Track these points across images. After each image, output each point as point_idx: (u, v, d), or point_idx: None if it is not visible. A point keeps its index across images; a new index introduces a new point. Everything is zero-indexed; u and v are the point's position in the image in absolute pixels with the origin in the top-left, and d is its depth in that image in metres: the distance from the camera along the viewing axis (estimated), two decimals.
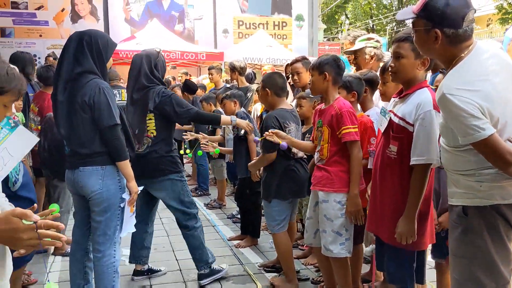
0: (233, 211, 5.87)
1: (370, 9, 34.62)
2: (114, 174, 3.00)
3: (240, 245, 4.74)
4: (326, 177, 3.10)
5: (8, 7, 13.24)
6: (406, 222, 2.38)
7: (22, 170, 2.37)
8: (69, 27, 13.65)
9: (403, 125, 2.42)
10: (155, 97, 3.55)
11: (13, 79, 2.09)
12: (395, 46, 2.48)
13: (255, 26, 15.19)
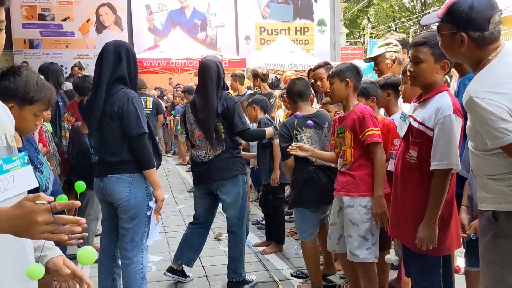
0: (258, 217, 5.88)
1: (392, 12, 34.34)
2: (142, 182, 3.05)
3: (266, 252, 4.74)
4: (350, 181, 3.09)
5: (36, 19, 13.60)
6: (426, 228, 2.36)
7: (52, 179, 2.43)
8: (94, 38, 13.95)
9: (422, 130, 2.40)
10: (223, 101, 3.62)
11: (42, 89, 2.16)
12: (413, 50, 2.45)
13: (277, 32, 15.23)
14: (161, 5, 14.68)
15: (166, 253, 4.78)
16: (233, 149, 3.73)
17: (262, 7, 15.35)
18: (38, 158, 2.35)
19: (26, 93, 2.09)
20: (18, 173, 1.46)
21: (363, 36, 35.64)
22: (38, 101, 2.15)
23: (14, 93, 2.08)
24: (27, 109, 2.11)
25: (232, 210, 3.77)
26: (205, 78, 3.66)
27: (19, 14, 13.34)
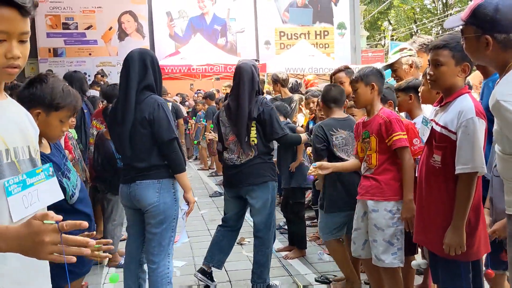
0: (280, 222, 5.87)
1: (413, 14, 33.97)
2: (170, 187, 3.10)
3: (288, 257, 4.73)
4: (375, 186, 3.08)
5: (60, 28, 13.88)
6: (454, 233, 2.32)
7: (79, 185, 2.47)
8: (116, 45, 14.16)
9: (445, 134, 2.37)
10: (259, 105, 3.64)
11: (68, 96, 2.22)
12: (433, 53, 2.43)
13: (296, 36, 15.23)
14: (181, 12, 14.83)
15: (190, 258, 4.81)
16: (265, 155, 3.73)
17: (282, 12, 15.37)
18: (65, 165, 2.39)
19: (52, 100, 2.14)
20: (43, 186, 1.48)
21: (384, 38, 35.34)
22: (64, 107, 2.20)
23: (40, 99, 2.13)
24: (54, 115, 2.16)
25: (260, 215, 3.77)
26: (239, 81, 3.69)
27: (43, 23, 13.64)
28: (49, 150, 2.28)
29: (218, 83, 12.23)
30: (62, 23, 13.89)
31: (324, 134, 3.67)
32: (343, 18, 15.65)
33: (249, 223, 6.07)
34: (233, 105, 3.70)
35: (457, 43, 2.36)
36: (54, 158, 2.27)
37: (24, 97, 2.14)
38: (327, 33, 15.62)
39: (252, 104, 3.63)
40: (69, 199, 2.29)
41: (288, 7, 15.39)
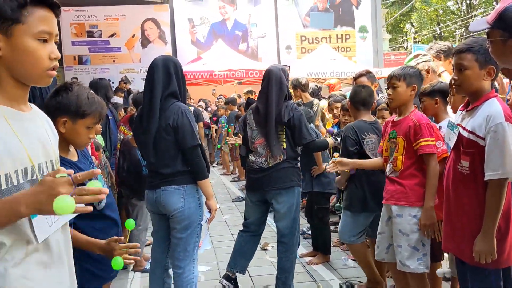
0: (304, 227, 5.84)
1: (436, 16, 33.53)
2: (194, 193, 3.13)
3: (312, 262, 4.71)
4: (400, 191, 3.04)
5: (85, 36, 14.14)
6: (484, 240, 2.27)
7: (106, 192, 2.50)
8: (139, 52, 14.36)
9: (473, 139, 2.32)
10: (289, 110, 3.65)
11: (93, 103, 2.25)
12: (456, 58, 2.39)
13: (318, 41, 15.19)
14: (203, 18, 14.96)
15: (214, 263, 4.82)
16: (293, 160, 3.72)
17: (303, 16, 15.36)
18: None
19: (78, 108, 2.17)
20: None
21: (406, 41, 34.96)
22: (89, 114, 2.23)
23: (67, 107, 2.16)
24: (80, 123, 2.19)
25: (284, 221, 3.74)
26: (267, 84, 3.69)
27: (69, 32, 13.91)
28: (76, 158, 2.31)
29: (240, 87, 12.27)
30: (86, 31, 14.15)
31: (357, 137, 3.67)
32: (364, 21, 15.55)
33: (273, 228, 6.06)
34: (262, 108, 3.69)
35: (480, 46, 2.33)
36: (81, 165, 2.30)
37: (50, 106, 2.18)
38: (348, 37, 15.53)
39: (281, 107, 3.63)
40: (97, 205, 2.32)
41: (309, 11, 15.37)
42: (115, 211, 2.55)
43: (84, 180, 1.28)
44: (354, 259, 4.66)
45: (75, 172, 2.15)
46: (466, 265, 2.45)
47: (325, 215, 4.84)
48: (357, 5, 15.53)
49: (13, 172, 1.30)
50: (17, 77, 1.36)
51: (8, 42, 1.31)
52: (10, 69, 1.34)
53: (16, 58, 1.33)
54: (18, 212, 1.22)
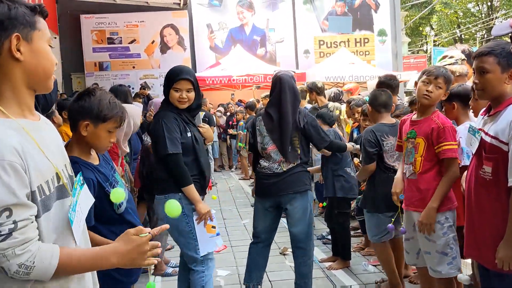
0: (323, 232, 5.81)
1: (456, 18, 33.11)
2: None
3: (332, 267, 4.68)
4: (418, 197, 3.03)
5: (105, 43, 14.33)
6: (507, 247, 2.23)
7: (126, 196, 2.53)
8: (158, 58, 14.49)
9: (496, 145, 2.27)
10: (303, 116, 3.68)
11: (115, 107, 2.30)
12: (478, 61, 2.35)
13: (336, 45, 15.13)
14: (221, 24, 15.04)
15: (234, 267, 4.83)
16: (305, 164, 3.75)
17: (321, 21, 15.32)
18: (113, 176, 2.45)
19: (100, 111, 2.22)
20: (81, 197, 1.55)
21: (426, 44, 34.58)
22: (111, 118, 2.28)
23: (89, 111, 2.21)
24: (101, 127, 2.23)
25: (300, 225, 3.71)
26: (280, 91, 3.69)
27: (90, 39, 14.12)
28: (97, 162, 2.34)
29: (258, 92, 12.30)
30: (107, 38, 14.34)
31: (376, 139, 3.72)
32: (383, 25, 15.44)
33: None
34: (275, 116, 3.69)
35: (503, 49, 2.30)
36: (102, 169, 2.33)
37: (74, 110, 2.24)
38: (367, 41, 15.44)
39: (296, 114, 3.65)
40: (117, 209, 2.34)
41: (327, 15, 15.32)
42: (136, 216, 2.57)
43: (155, 235, 1.51)
44: (375, 265, 4.63)
45: (95, 174, 2.21)
46: (490, 271, 2.41)
47: (345, 220, 4.81)
48: (376, 9, 15.43)
49: (44, 183, 1.35)
50: (32, 84, 1.41)
51: (28, 47, 1.37)
52: (28, 74, 1.38)
53: (36, 62, 1.39)
54: (110, 264, 1.42)
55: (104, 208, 2.25)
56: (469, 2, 31.92)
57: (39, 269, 1.28)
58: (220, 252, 5.34)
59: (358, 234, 5.58)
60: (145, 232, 1.46)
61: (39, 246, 1.29)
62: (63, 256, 1.32)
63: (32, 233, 1.28)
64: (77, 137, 2.25)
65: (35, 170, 1.30)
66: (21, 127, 1.34)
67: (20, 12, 1.35)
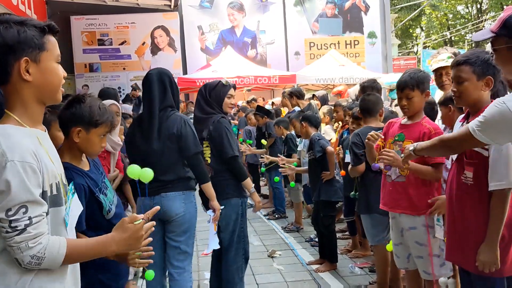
0: (311, 234, 5.85)
1: (446, 20, 33.36)
2: (192, 198, 3.32)
3: (319, 270, 4.72)
4: (406, 199, 3.05)
5: (95, 45, 14.29)
6: (487, 250, 2.29)
7: (115, 201, 2.55)
8: (149, 59, 14.47)
9: (477, 150, 2.34)
10: (210, 125, 3.60)
11: (105, 113, 2.36)
12: (454, 70, 2.44)
13: (326, 47, 15.19)
14: (212, 26, 15.05)
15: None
16: (224, 172, 3.62)
17: (311, 23, 15.39)
18: (103, 182, 2.47)
19: (91, 117, 2.26)
20: (73, 204, 1.66)
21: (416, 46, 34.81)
22: (102, 123, 2.34)
23: (81, 118, 2.25)
24: (93, 132, 2.28)
25: (223, 233, 3.66)
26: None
27: (80, 40, 14.08)
28: (88, 167, 2.38)
29: (249, 94, 12.33)
30: (97, 39, 14.29)
31: (361, 142, 3.76)
32: (373, 27, 15.54)
33: (280, 236, 6.09)
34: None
35: (477, 58, 2.38)
36: (92, 175, 2.37)
37: (65, 117, 2.28)
38: (357, 42, 15.53)
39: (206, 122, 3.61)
40: (106, 214, 2.37)
41: (318, 17, 15.39)
42: None
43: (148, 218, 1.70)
44: (362, 267, 4.68)
45: (86, 180, 2.26)
46: (471, 274, 2.46)
47: (331, 223, 4.86)
48: (366, 11, 15.53)
49: (54, 184, 1.52)
50: (42, 98, 1.54)
51: (37, 68, 1.49)
52: (37, 92, 1.51)
53: (44, 80, 1.51)
54: (110, 251, 1.59)
55: (93, 214, 2.28)
56: (459, 4, 32.18)
57: (49, 259, 1.43)
58: (208, 255, 5.36)
59: (346, 236, 5.63)
60: (138, 219, 1.60)
61: (49, 239, 1.44)
62: (70, 246, 1.47)
63: (43, 228, 1.43)
64: (69, 144, 2.29)
65: (46, 173, 1.47)
66: (35, 135, 1.50)
67: (29, 36, 1.46)
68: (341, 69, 12.43)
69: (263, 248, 5.51)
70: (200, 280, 4.65)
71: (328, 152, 4.76)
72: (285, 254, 5.32)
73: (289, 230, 6.30)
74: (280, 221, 6.83)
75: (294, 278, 4.58)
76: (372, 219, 3.82)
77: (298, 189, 6.35)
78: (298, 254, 5.31)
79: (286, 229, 6.35)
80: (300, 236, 6.05)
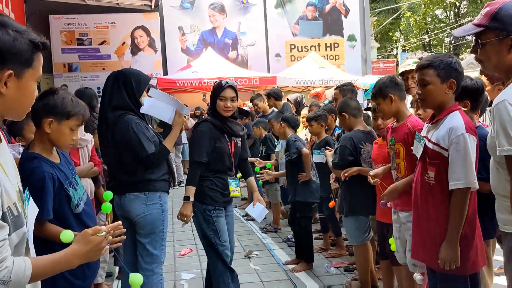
0: (289, 234, 5.90)
1: (425, 24, 33.86)
2: (156, 199, 3.24)
3: (295, 270, 4.76)
4: (404, 197, 3.08)
5: (75, 44, 14.14)
6: (448, 248, 2.36)
7: (85, 199, 2.55)
8: (129, 59, 14.39)
9: (438, 151, 2.42)
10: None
11: (77, 105, 2.40)
12: (419, 74, 2.50)
13: (307, 49, 15.31)
14: (193, 26, 15.03)
15: (198, 270, 4.85)
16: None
17: (292, 25, 15.49)
18: (73, 177, 2.49)
19: (63, 108, 2.30)
20: (29, 210, 1.59)
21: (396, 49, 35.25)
22: (74, 115, 2.37)
23: (53, 108, 2.29)
24: (64, 124, 2.31)
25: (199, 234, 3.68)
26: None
27: (58, 39, 13.92)
28: (58, 160, 2.39)
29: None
30: (76, 39, 14.14)
31: (355, 147, 3.80)
32: (353, 30, 15.71)
33: (258, 236, 6.12)
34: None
35: (441, 62, 2.46)
36: (63, 168, 2.38)
37: (37, 108, 2.29)
38: (337, 45, 15.68)
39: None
40: (74, 208, 2.38)
41: (298, 20, 15.51)
42: (93, 220, 2.59)
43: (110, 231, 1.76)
44: (337, 267, 4.74)
45: (56, 171, 2.26)
46: (436, 272, 2.52)
47: (308, 223, 4.91)
48: (346, 14, 15.70)
49: (12, 205, 1.41)
50: (5, 114, 1.43)
51: (16, 83, 1.38)
52: (4, 106, 1.39)
53: (17, 97, 1.40)
54: (73, 265, 1.57)
55: (61, 205, 2.30)
56: (437, 8, 32.68)
57: (15, 282, 1.38)
58: (185, 256, 5.37)
59: (321, 237, 5.68)
60: (102, 231, 1.61)
61: (13, 261, 1.38)
62: (34, 266, 1.43)
63: (7, 252, 1.36)
64: (40, 135, 2.32)
65: (5, 193, 1.37)
66: None
67: (23, 48, 1.37)
68: (321, 71, 12.54)
69: (241, 248, 5.53)
70: (176, 280, 4.65)
71: (304, 154, 4.81)
72: (262, 255, 5.35)
73: (267, 231, 6.34)
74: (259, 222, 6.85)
75: (270, 278, 4.62)
76: (357, 221, 3.88)
77: (276, 189, 6.39)
78: (275, 254, 5.35)
79: (264, 229, 6.39)
80: (277, 237, 6.10)
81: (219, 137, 3.56)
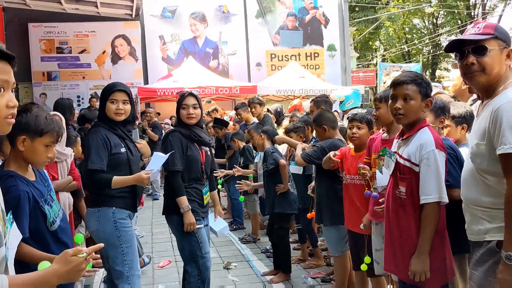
0: (267, 245, 5.93)
1: (404, 34, 34.40)
2: (109, 216, 3.18)
3: (273, 281, 4.79)
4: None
5: (54, 53, 14.03)
6: (418, 260, 2.42)
7: (61, 215, 2.56)
8: (109, 68, 14.32)
9: (409, 166, 2.50)
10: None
11: (51, 123, 2.40)
12: (401, 88, 2.51)
13: (287, 58, 15.44)
14: (174, 36, 15.05)
15: (176, 282, 4.85)
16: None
17: (273, 35, 15.62)
18: (49, 194, 2.49)
19: (36, 126, 2.30)
20: (11, 234, 1.62)
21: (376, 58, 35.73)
22: (47, 132, 2.38)
23: (26, 126, 2.29)
24: (38, 141, 2.31)
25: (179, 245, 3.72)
26: None
27: (38, 48, 13.79)
28: (34, 178, 2.39)
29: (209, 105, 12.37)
30: (56, 48, 14.04)
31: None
32: (333, 40, 15.91)
33: (237, 247, 6.14)
34: None
35: (422, 80, 2.53)
36: (38, 185, 2.38)
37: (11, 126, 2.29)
38: (317, 55, 15.85)
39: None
40: (50, 225, 2.39)
41: (279, 30, 15.65)
42: (69, 236, 2.60)
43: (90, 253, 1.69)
44: (314, 277, 4.79)
45: (31, 189, 2.26)
46: (406, 284, 2.59)
47: (285, 234, 4.95)
48: (326, 24, 15.90)
49: None
50: None
51: None
52: None
53: None
54: (51, 285, 1.56)
55: (37, 223, 2.30)
56: (415, 18, 33.24)
57: None
58: (164, 268, 5.36)
59: (299, 247, 5.73)
60: (82, 252, 1.60)
61: None
62: (11, 285, 1.44)
63: None
64: (15, 153, 2.32)
65: None
66: None
67: None
68: (301, 80, 12.65)
69: (219, 260, 5.55)
70: None
71: (281, 165, 4.86)
72: (240, 266, 5.37)
73: (246, 241, 6.36)
74: (238, 232, 6.88)
75: None
76: (338, 231, 3.93)
77: (254, 200, 6.43)
78: (253, 265, 5.38)
79: (243, 240, 6.41)
80: (256, 247, 6.12)
81: (189, 146, 3.59)
